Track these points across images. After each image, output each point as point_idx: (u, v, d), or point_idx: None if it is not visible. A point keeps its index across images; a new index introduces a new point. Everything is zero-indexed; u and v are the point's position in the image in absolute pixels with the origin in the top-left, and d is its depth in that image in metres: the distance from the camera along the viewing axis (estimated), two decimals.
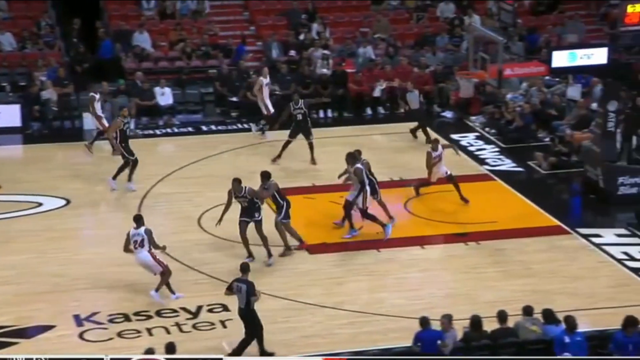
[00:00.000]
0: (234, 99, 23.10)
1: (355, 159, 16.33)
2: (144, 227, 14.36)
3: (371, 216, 16.31)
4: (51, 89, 22.24)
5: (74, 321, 13.86)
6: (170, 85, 23.06)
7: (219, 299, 14.34)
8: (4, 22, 24.31)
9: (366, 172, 16.36)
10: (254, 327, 12.75)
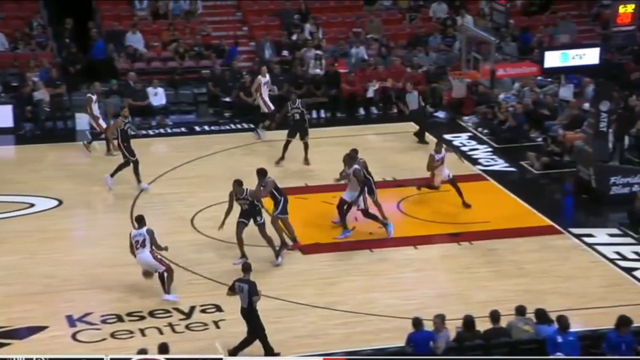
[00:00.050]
0: (227, 100, 23.08)
1: (353, 160, 16.31)
2: (146, 227, 14.33)
3: (373, 216, 16.32)
4: (43, 90, 22.19)
5: (66, 322, 13.84)
6: (163, 85, 23.03)
7: (212, 299, 14.36)
8: None
9: (363, 171, 16.37)
10: (255, 328, 12.73)
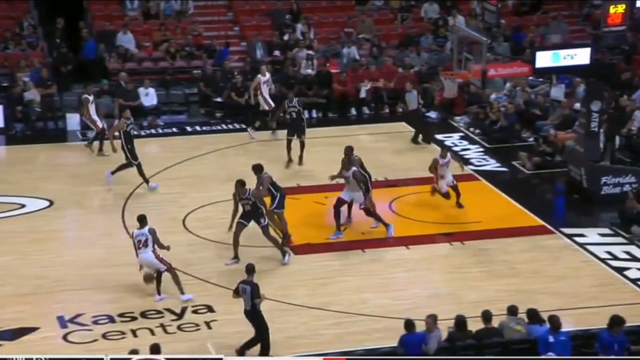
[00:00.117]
0: (218, 100, 23.06)
1: (351, 162, 16.32)
2: (148, 227, 14.30)
3: (375, 215, 16.38)
4: (34, 90, 22.12)
5: (58, 323, 13.79)
6: (154, 85, 22.99)
7: (203, 300, 14.35)
8: None
9: (360, 170, 16.39)
10: (260, 328, 12.72)
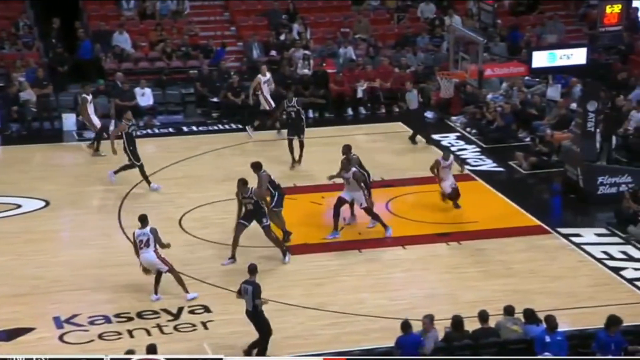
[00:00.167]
0: (214, 100, 23.04)
1: (350, 162, 16.33)
2: (149, 227, 14.27)
3: (376, 215, 16.41)
4: (30, 90, 22.08)
5: (54, 323, 13.76)
6: (150, 85, 22.97)
7: (200, 300, 14.34)
8: None
9: (359, 170, 16.42)
10: (261, 328, 12.71)
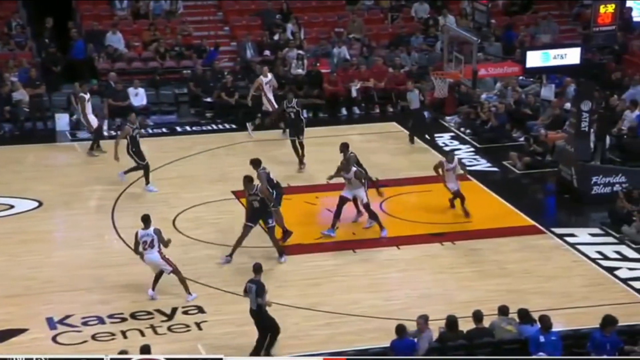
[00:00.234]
0: (208, 100, 22.98)
1: (349, 163, 16.33)
2: (153, 227, 14.19)
3: (374, 214, 16.42)
4: (22, 90, 21.99)
5: (47, 324, 13.71)
6: (144, 85, 22.89)
7: (194, 301, 14.29)
8: None
9: (358, 168, 16.44)
10: (265, 327, 12.67)
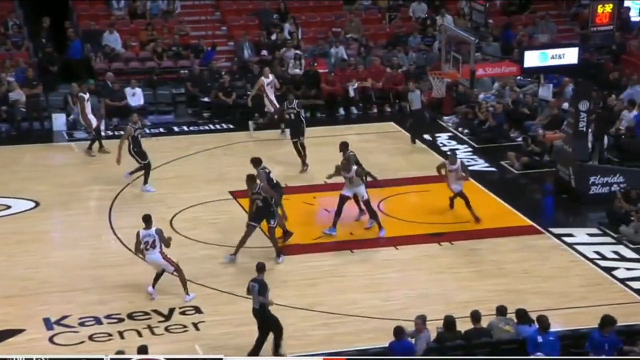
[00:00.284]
0: (205, 100, 22.96)
1: (349, 162, 16.33)
2: (154, 227, 14.16)
3: (373, 211, 16.43)
4: (19, 90, 21.96)
5: (44, 325, 13.69)
6: (141, 85, 22.87)
7: (191, 301, 14.26)
8: None
9: (357, 167, 16.46)
10: (268, 327, 12.66)
